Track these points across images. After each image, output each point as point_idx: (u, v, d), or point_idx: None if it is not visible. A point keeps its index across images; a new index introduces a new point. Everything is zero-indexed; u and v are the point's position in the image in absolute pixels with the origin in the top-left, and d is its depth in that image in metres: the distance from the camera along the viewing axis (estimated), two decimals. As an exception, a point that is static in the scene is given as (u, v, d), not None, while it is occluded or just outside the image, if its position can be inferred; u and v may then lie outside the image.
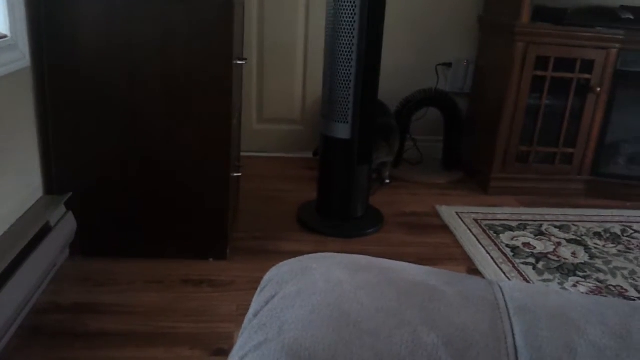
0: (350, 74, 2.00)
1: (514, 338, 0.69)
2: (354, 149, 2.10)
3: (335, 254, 0.86)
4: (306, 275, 0.78)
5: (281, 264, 0.85)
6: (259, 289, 0.82)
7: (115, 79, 1.66)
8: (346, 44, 1.97)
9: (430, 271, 0.83)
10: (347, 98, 2.03)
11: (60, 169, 1.74)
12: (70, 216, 1.73)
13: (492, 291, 0.78)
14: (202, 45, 1.65)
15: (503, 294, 0.78)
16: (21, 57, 1.54)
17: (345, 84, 2.02)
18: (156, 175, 1.77)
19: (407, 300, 0.73)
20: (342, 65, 2.01)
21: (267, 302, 0.75)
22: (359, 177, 2.17)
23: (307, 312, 0.70)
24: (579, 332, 0.71)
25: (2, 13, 1.47)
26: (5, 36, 1.48)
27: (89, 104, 1.68)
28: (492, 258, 2.01)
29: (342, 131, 2.08)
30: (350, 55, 1.98)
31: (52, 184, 1.75)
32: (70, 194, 1.73)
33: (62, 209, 1.71)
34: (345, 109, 2.05)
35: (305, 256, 0.86)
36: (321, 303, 0.71)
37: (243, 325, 0.76)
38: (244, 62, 1.93)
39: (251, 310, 0.77)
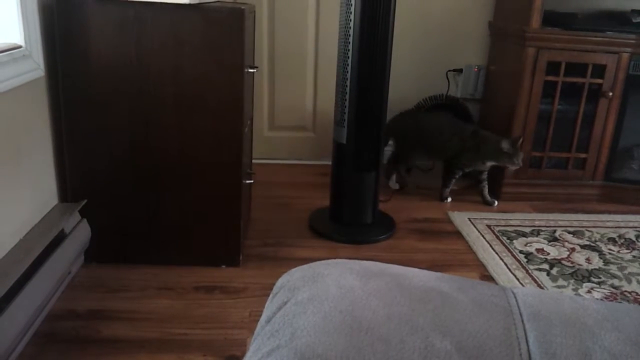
0: (347, 78, 2.03)
1: (527, 344, 0.69)
2: (350, 153, 2.12)
3: (347, 260, 0.86)
4: (318, 282, 0.78)
5: (293, 270, 0.85)
6: (271, 296, 0.82)
7: (127, 88, 1.68)
8: (344, 49, 2.02)
9: (442, 277, 0.82)
10: (344, 102, 2.05)
11: (74, 177, 1.76)
12: (85, 223, 1.75)
13: (505, 297, 0.78)
14: (213, 53, 1.66)
15: (516, 300, 0.77)
16: (35, 67, 1.57)
17: (343, 88, 2.05)
18: (168, 183, 1.78)
19: (420, 306, 0.73)
20: (341, 69, 2.05)
21: (279, 309, 0.75)
22: (361, 183, 2.17)
23: (319, 319, 0.70)
24: (593, 338, 0.70)
25: (16, 24, 1.50)
26: (20, 46, 1.50)
27: (103, 113, 1.70)
28: (505, 264, 2.00)
29: (341, 135, 2.11)
30: (347, 61, 2.01)
31: (67, 192, 1.77)
32: (84, 202, 1.74)
33: (77, 216, 1.73)
34: (342, 113, 2.07)
35: (317, 262, 0.86)
36: (333, 309, 0.71)
37: (255, 332, 0.76)
38: (255, 70, 1.94)
39: (263, 317, 0.78)
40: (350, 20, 1.96)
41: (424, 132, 2.58)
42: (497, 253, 2.07)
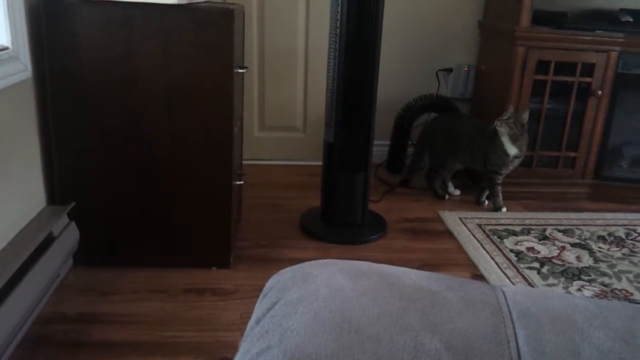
0: (334, 78, 2.03)
1: (517, 342, 0.69)
2: (339, 153, 2.12)
3: (337, 260, 0.86)
4: (308, 282, 0.78)
5: (283, 271, 0.85)
6: (260, 296, 0.82)
7: (116, 89, 1.67)
8: (332, 49, 2.02)
9: (431, 276, 0.82)
10: (332, 102, 2.06)
11: (62, 179, 1.74)
12: (73, 226, 1.74)
13: (495, 295, 0.78)
14: (202, 54, 1.66)
15: (506, 298, 0.77)
16: (23, 68, 1.55)
17: (331, 88, 2.06)
18: (158, 185, 1.77)
19: (409, 305, 0.73)
20: (330, 69, 2.05)
21: (269, 309, 0.75)
22: (351, 183, 2.17)
23: (309, 319, 0.69)
24: (582, 335, 0.70)
25: (3, 25, 1.48)
26: (7, 48, 1.49)
27: (91, 114, 1.68)
28: (496, 263, 2.00)
29: (330, 135, 2.11)
30: (335, 60, 2.01)
31: (55, 194, 1.76)
32: (72, 205, 1.73)
33: (65, 219, 1.71)
34: (331, 113, 2.07)
35: (307, 263, 0.86)
36: (323, 309, 0.71)
37: (245, 333, 0.76)
38: (244, 71, 1.94)
39: (253, 318, 0.77)
40: (338, 20, 1.96)
41: (453, 138, 2.50)
42: (488, 252, 2.08)
